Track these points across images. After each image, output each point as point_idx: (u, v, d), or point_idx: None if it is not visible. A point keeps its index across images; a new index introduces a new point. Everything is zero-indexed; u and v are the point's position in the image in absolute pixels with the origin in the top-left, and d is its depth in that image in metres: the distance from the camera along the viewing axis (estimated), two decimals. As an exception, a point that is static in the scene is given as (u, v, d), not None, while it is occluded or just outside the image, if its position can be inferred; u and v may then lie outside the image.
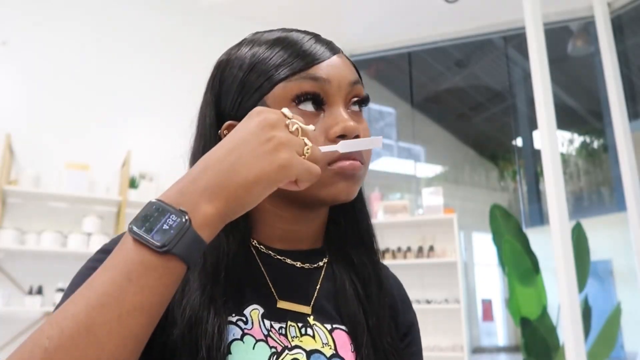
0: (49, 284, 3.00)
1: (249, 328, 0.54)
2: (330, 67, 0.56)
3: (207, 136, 0.58)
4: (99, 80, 3.56)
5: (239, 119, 0.56)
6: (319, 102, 0.56)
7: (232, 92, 0.58)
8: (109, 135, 3.49)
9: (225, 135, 0.58)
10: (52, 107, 3.37)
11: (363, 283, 0.62)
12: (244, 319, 0.54)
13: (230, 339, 0.52)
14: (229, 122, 0.58)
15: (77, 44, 3.57)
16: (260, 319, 0.55)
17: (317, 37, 0.60)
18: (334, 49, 0.59)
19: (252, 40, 0.60)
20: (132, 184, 3.33)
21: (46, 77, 3.41)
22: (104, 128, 3.50)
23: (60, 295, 2.94)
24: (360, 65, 5.39)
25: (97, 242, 3.07)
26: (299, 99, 0.55)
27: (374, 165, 6.83)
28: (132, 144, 3.40)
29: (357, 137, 0.55)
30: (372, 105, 6.87)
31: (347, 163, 0.54)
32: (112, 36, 3.70)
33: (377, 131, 7.07)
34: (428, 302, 3.87)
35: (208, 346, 0.50)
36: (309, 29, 0.62)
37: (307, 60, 0.56)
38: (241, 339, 0.53)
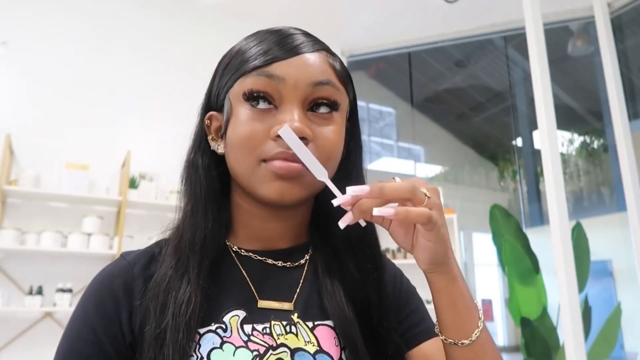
0: (49, 284, 3.00)
1: (228, 336, 0.54)
2: (290, 66, 0.55)
3: (198, 123, 0.63)
4: (99, 80, 3.56)
5: (218, 110, 0.61)
6: (270, 100, 0.55)
7: (214, 86, 0.61)
8: (109, 135, 3.49)
9: (208, 125, 0.62)
10: (52, 107, 3.37)
11: (351, 283, 0.61)
12: (223, 326, 0.54)
13: (209, 348, 0.53)
14: (210, 113, 0.61)
15: (77, 43, 3.57)
16: (239, 326, 0.55)
17: (296, 35, 0.58)
18: (311, 47, 0.57)
19: (245, 37, 0.62)
20: (132, 184, 3.33)
21: (46, 77, 3.41)
22: (104, 128, 3.50)
23: (60, 295, 2.94)
24: (360, 65, 5.37)
25: (97, 242, 3.07)
26: (245, 97, 0.55)
27: (374, 166, 6.82)
28: (132, 144, 3.40)
29: (303, 139, 0.53)
30: (372, 105, 6.86)
31: (278, 164, 0.53)
32: (112, 36, 3.70)
33: (377, 131, 7.07)
34: (428, 302, 3.84)
35: (174, 313, 0.52)
36: (309, 29, 0.62)
37: (266, 58, 0.56)
38: (220, 347, 0.53)
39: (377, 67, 6.06)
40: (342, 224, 0.49)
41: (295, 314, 0.57)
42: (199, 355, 0.52)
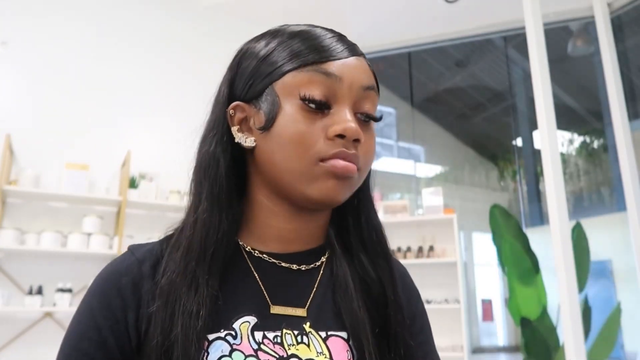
0: (49, 284, 3.00)
1: (238, 343, 0.52)
2: (345, 66, 0.55)
3: (217, 113, 0.59)
4: (99, 80, 3.57)
5: (247, 101, 0.57)
6: (326, 100, 0.54)
7: (246, 75, 0.58)
8: (109, 135, 3.50)
9: (231, 115, 0.58)
10: (52, 107, 3.37)
11: (369, 282, 0.60)
12: (233, 333, 0.53)
13: (218, 356, 0.51)
14: (236, 102, 0.58)
15: (77, 43, 3.57)
16: (249, 333, 0.53)
17: (340, 37, 0.58)
18: (355, 51, 0.57)
19: (276, 30, 0.60)
20: (132, 184, 3.33)
21: (46, 77, 3.41)
22: (104, 128, 3.50)
23: (60, 295, 2.94)
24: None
25: (97, 242, 3.07)
26: (303, 99, 0.53)
27: (374, 166, 6.83)
28: (132, 144, 3.40)
29: (356, 141, 0.53)
30: (372, 105, 6.87)
31: (340, 163, 0.53)
32: (112, 36, 3.70)
33: (377, 131, 7.08)
34: (428, 302, 3.87)
35: (184, 325, 0.50)
36: (309, 29, 0.61)
37: (322, 54, 0.54)
38: (230, 355, 0.51)
39: (377, 67, 6.06)
40: None
41: (308, 323, 0.55)
42: None
